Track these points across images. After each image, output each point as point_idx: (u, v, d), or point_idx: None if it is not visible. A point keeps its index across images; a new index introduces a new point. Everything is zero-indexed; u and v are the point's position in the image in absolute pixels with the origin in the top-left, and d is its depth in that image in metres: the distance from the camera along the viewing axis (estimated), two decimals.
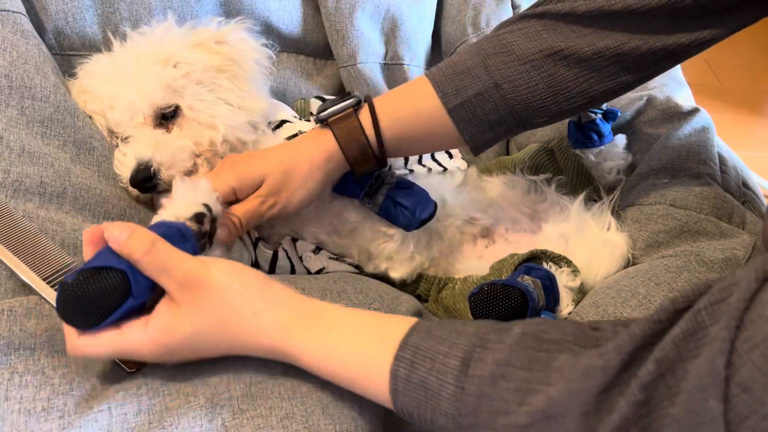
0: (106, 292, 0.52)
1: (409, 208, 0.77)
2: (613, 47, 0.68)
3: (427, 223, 0.86)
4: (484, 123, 0.73)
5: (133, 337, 0.53)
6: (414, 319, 0.55)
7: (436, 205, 0.79)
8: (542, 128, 1.10)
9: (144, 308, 0.55)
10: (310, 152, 0.75)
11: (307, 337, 0.55)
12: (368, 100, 0.76)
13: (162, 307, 0.55)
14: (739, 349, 0.37)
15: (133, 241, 0.53)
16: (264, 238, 0.84)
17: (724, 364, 0.37)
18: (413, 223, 0.78)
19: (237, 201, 0.74)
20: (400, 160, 0.89)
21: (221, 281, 0.55)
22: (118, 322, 0.53)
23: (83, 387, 0.53)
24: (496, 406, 0.47)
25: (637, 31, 0.67)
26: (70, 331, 0.53)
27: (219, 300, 0.54)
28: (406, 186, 0.79)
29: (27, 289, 0.60)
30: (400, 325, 0.54)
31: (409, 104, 0.75)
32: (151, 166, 0.77)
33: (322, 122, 0.75)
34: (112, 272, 0.52)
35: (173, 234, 0.58)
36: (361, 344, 0.54)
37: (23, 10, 0.84)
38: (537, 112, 0.72)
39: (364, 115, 0.74)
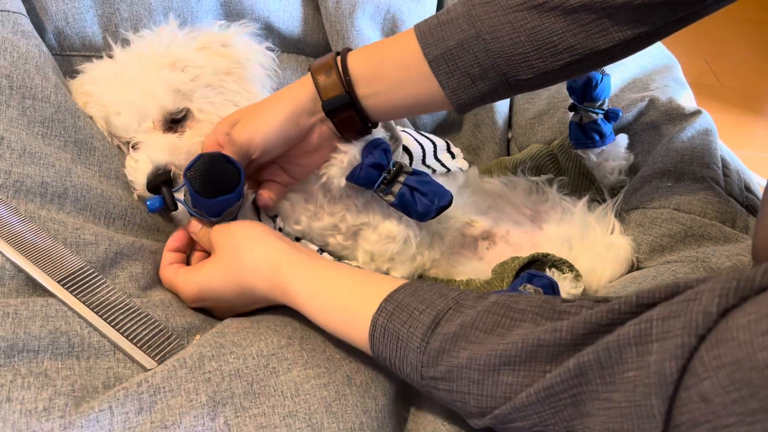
0: (229, 174, 0.70)
1: (428, 195, 0.76)
2: (602, 0, 0.63)
3: (429, 224, 0.87)
4: (465, 77, 0.70)
5: (180, 277, 0.71)
6: (404, 281, 0.61)
7: (451, 194, 0.78)
8: (543, 128, 1.10)
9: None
10: (284, 89, 0.77)
11: (295, 276, 0.64)
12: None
13: (202, 262, 0.72)
14: (707, 363, 0.38)
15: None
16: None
17: (677, 368, 0.39)
18: (431, 212, 0.77)
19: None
20: (405, 160, 0.89)
21: (231, 228, 0.70)
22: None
23: (85, 388, 0.53)
24: (451, 361, 0.52)
25: None
26: (165, 256, 0.75)
27: (225, 242, 0.69)
28: (422, 175, 0.79)
29: (31, 290, 0.60)
30: (390, 283, 0.61)
31: (388, 45, 0.74)
32: (170, 170, 0.77)
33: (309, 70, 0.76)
34: (233, 168, 0.70)
35: None
36: (345, 293, 0.62)
37: (23, 11, 0.84)
38: (520, 67, 0.68)
39: (342, 53, 0.75)
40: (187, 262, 0.78)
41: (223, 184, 0.69)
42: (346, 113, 0.74)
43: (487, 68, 0.69)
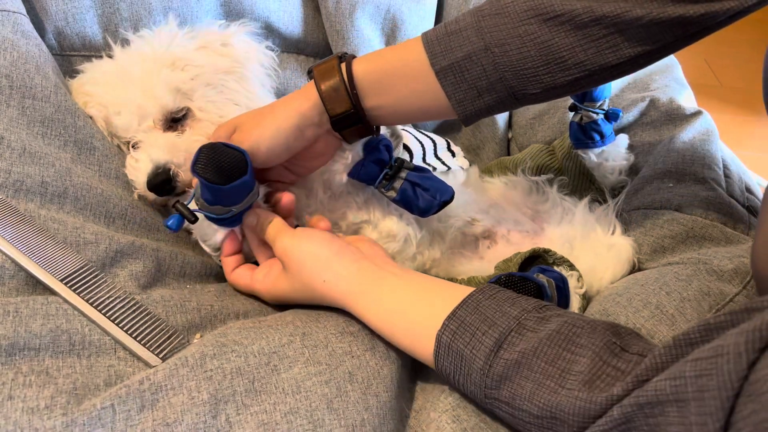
0: (235, 158, 0.68)
1: (430, 191, 0.77)
2: (613, 15, 0.62)
3: (430, 223, 0.86)
4: (472, 89, 0.69)
5: (257, 279, 0.74)
6: (467, 291, 0.61)
7: (453, 190, 0.79)
8: (543, 128, 1.10)
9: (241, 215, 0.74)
10: (288, 97, 0.75)
11: (367, 305, 0.65)
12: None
13: (277, 264, 0.72)
14: (746, 417, 0.37)
15: (262, 221, 0.74)
16: None
17: (720, 426, 0.38)
18: (433, 207, 0.77)
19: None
20: (405, 157, 0.89)
21: (300, 256, 0.69)
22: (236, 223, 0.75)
23: (87, 386, 0.53)
24: (514, 389, 0.53)
25: (639, 0, 0.63)
26: (227, 263, 0.77)
27: (298, 270, 0.69)
28: (423, 171, 0.79)
29: (31, 288, 0.60)
30: (453, 295, 0.61)
31: (394, 54, 0.73)
32: (169, 169, 0.77)
33: (310, 73, 0.75)
34: (237, 152, 0.69)
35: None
36: (411, 311, 0.62)
37: (23, 11, 0.84)
38: (528, 81, 0.68)
39: (347, 62, 0.74)
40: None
41: (234, 169, 0.68)
42: (354, 127, 0.74)
43: (494, 81, 0.69)
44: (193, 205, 0.71)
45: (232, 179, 0.68)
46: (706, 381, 0.40)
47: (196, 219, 0.71)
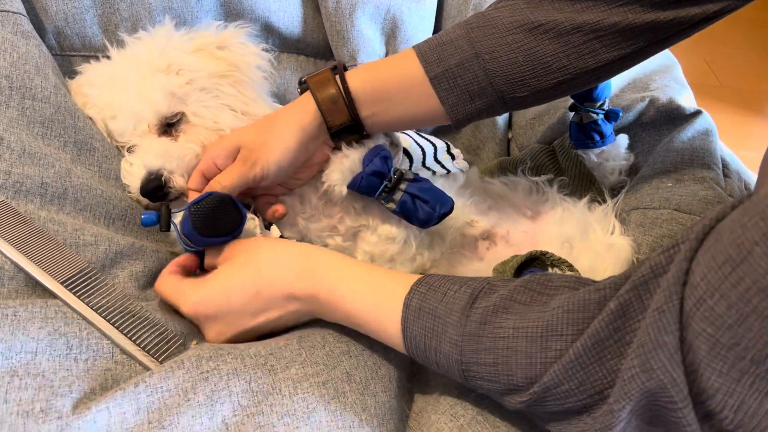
0: (232, 218, 0.69)
1: (429, 203, 0.77)
2: (592, 23, 0.69)
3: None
4: (464, 93, 0.74)
5: (186, 283, 0.67)
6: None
7: (453, 201, 0.79)
8: (543, 128, 1.10)
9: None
10: (286, 111, 0.77)
11: (331, 267, 0.64)
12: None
13: (209, 275, 0.67)
14: (699, 255, 0.41)
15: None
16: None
17: (686, 270, 0.41)
18: (432, 219, 0.78)
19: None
20: (405, 163, 0.89)
21: (260, 240, 0.71)
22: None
23: (82, 389, 0.53)
24: (497, 332, 0.52)
25: (615, 8, 0.68)
26: (169, 267, 0.71)
27: (247, 256, 0.67)
28: (423, 182, 0.79)
29: (30, 290, 0.60)
30: (416, 277, 0.61)
31: (389, 65, 0.77)
32: (162, 175, 0.77)
33: (301, 84, 0.78)
34: (238, 215, 0.70)
35: None
36: (376, 283, 0.62)
37: (23, 11, 0.84)
38: (516, 86, 0.73)
39: (340, 73, 0.76)
40: None
41: (222, 227, 0.69)
42: (351, 136, 0.78)
43: (485, 86, 0.73)
44: (177, 218, 0.71)
45: (212, 235, 0.69)
46: (690, 233, 0.43)
47: (168, 229, 0.71)
